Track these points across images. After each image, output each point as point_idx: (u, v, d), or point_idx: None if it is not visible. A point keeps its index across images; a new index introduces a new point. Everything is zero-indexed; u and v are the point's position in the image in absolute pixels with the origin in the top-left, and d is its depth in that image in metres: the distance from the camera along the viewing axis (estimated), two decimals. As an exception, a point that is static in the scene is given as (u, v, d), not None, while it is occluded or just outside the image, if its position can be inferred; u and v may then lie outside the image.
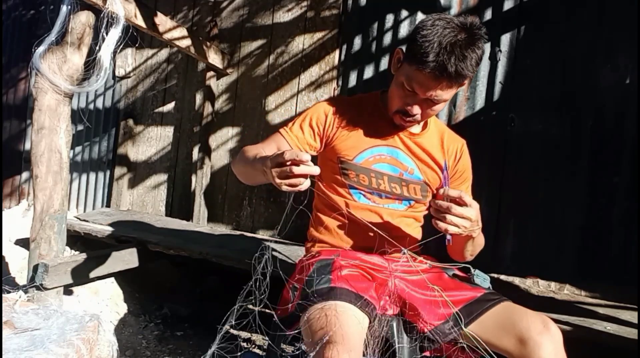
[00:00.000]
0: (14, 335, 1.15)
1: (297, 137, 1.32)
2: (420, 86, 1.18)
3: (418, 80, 1.17)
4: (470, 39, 1.12)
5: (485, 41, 1.16)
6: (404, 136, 1.34)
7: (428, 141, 1.36)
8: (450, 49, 1.10)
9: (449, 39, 1.10)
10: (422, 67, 1.13)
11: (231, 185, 3.12)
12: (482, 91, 2.46)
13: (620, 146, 2.17)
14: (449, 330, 1.14)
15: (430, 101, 1.20)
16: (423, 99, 1.21)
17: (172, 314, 2.46)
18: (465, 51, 1.11)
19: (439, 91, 1.17)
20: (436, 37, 1.11)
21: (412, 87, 1.19)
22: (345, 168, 1.34)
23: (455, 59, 1.10)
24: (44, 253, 1.99)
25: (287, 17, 2.98)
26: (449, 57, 1.10)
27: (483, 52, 1.16)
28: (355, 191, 1.35)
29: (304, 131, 1.33)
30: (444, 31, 1.11)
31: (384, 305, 1.22)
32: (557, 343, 1.05)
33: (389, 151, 1.34)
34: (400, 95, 1.24)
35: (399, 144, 1.34)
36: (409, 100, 1.22)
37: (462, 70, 1.11)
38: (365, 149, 1.33)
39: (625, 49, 2.18)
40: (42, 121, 1.94)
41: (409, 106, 1.23)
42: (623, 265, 2.11)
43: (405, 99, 1.23)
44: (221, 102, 3.18)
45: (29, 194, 3.87)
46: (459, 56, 1.10)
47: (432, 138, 1.37)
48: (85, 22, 1.97)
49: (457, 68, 1.10)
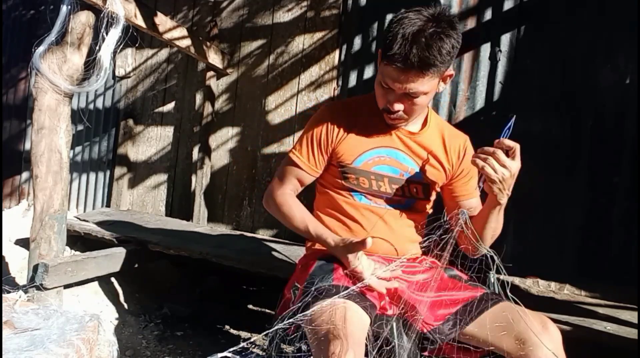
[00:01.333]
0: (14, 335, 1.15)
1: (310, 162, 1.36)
2: (392, 81, 1.17)
3: (389, 75, 1.17)
4: (438, 28, 1.11)
5: (457, 28, 1.15)
6: (403, 135, 1.33)
7: (428, 139, 1.35)
8: (412, 39, 1.09)
9: (412, 30, 1.10)
10: (388, 60, 1.14)
11: (231, 185, 3.12)
12: (482, 91, 2.46)
13: (620, 146, 2.17)
14: (448, 330, 1.14)
15: (408, 95, 1.19)
16: (401, 94, 1.20)
17: (172, 314, 2.46)
18: (431, 39, 1.10)
19: (411, 84, 1.15)
20: (401, 30, 1.11)
21: (386, 83, 1.19)
22: (345, 172, 1.33)
23: (417, 48, 1.09)
24: (44, 253, 1.98)
25: (287, 17, 2.98)
26: (410, 48, 1.09)
27: (456, 40, 1.14)
28: (356, 193, 1.35)
29: (314, 153, 1.35)
30: (409, 22, 1.11)
31: (384, 305, 1.22)
32: (556, 343, 1.06)
33: (388, 152, 1.33)
34: (381, 93, 1.25)
35: (399, 144, 1.34)
36: (389, 97, 1.22)
37: (427, 59, 1.10)
38: (364, 152, 1.32)
39: (625, 49, 2.18)
40: (42, 121, 1.94)
41: (389, 104, 1.23)
42: (623, 265, 2.11)
43: (386, 96, 1.23)
44: (221, 102, 3.18)
45: (29, 194, 3.87)
46: (422, 45, 1.09)
47: (432, 135, 1.36)
48: (85, 22, 1.97)
49: (420, 57, 1.10)
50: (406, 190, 1.34)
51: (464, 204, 1.39)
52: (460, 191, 1.40)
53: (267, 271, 2.08)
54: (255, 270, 2.14)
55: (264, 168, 3.02)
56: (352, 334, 0.99)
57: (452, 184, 1.39)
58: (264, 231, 2.99)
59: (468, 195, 1.40)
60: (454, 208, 1.42)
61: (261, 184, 3.01)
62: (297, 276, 1.32)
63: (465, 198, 1.40)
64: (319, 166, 1.36)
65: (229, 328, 2.41)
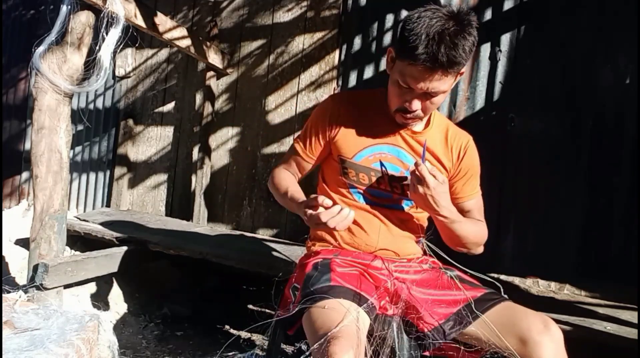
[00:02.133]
0: (14, 335, 1.15)
1: (307, 149, 1.41)
2: (415, 80, 1.16)
3: (412, 74, 1.15)
4: (459, 26, 1.10)
5: (476, 26, 1.13)
6: (406, 134, 1.33)
7: (431, 139, 1.34)
8: (438, 38, 1.08)
9: (436, 29, 1.08)
10: (413, 61, 1.11)
11: (231, 185, 3.12)
12: (482, 91, 2.46)
13: (620, 146, 2.17)
14: (449, 330, 1.14)
15: (428, 94, 1.18)
16: (421, 94, 1.19)
17: (172, 314, 2.46)
18: (455, 38, 1.09)
19: (435, 83, 1.15)
20: (423, 29, 1.09)
21: (407, 83, 1.17)
22: (345, 167, 1.33)
23: (445, 47, 1.08)
24: (44, 253, 1.98)
25: (287, 17, 2.98)
26: (438, 47, 1.08)
27: (475, 38, 1.13)
28: (355, 190, 1.34)
29: (311, 141, 1.39)
30: (430, 21, 1.09)
31: (384, 305, 1.22)
32: (557, 343, 1.05)
33: (390, 149, 1.32)
34: (398, 93, 1.23)
35: (401, 142, 1.33)
36: (407, 96, 1.21)
37: (454, 58, 1.09)
38: (365, 148, 1.32)
39: (625, 49, 2.18)
40: (42, 121, 1.94)
41: (407, 103, 1.21)
42: (623, 265, 2.11)
43: (403, 96, 1.22)
44: (221, 102, 3.18)
45: (29, 194, 3.87)
46: (448, 44, 1.08)
47: (435, 135, 1.35)
48: (85, 22, 1.97)
49: (449, 57, 1.09)
50: (406, 188, 1.33)
51: (464, 205, 1.38)
52: (459, 191, 1.38)
53: (267, 271, 2.08)
54: (255, 270, 2.14)
55: (264, 168, 3.02)
56: (352, 333, 0.99)
57: (452, 184, 1.39)
58: (264, 231, 2.98)
59: (466, 197, 1.39)
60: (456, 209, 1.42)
61: (261, 184, 3.01)
62: (296, 276, 1.32)
63: (463, 199, 1.39)
64: (315, 153, 1.40)
65: (229, 328, 2.41)
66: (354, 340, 0.97)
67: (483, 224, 1.39)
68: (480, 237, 1.35)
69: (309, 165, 1.44)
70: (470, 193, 1.39)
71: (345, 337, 0.96)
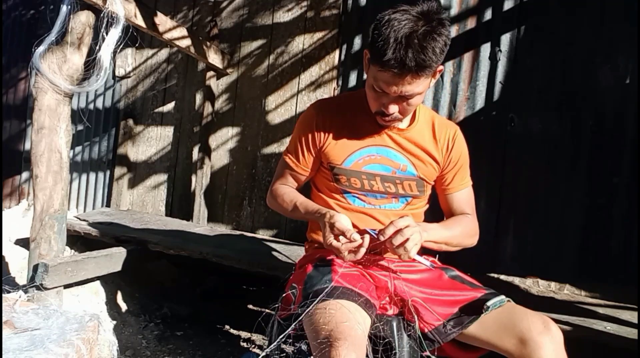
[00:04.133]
0: (14, 335, 1.15)
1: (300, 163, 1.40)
2: (386, 85, 1.15)
3: (383, 79, 1.14)
4: (428, 27, 1.07)
5: (448, 25, 1.11)
6: (393, 133, 1.32)
7: (418, 134, 1.33)
8: (406, 42, 1.06)
9: (404, 32, 1.06)
10: (382, 67, 1.10)
11: (231, 185, 3.12)
12: (482, 91, 2.46)
13: (620, 146, 2.17)
14: (449, 330, 1.14)
15: (403, 97, 1.17)
16: (396, 97, 1.18)
17: (172, 314, 2.46)
18: (424, 40, 1.06)
19: (407, 86, 1.13)
20: (392, 33, 1.07)
21: (380, 87, 1.16)
22: (336, 173, 1.33)
23: (413, 52, 1.06)
24: (44, 253, 1.98)
25: (287, 17, 2.98)
26: (405, 52, 1.06)
27: (447, 37, 1.11)
28: (349, 195, 1.34)
29: (303, 153, 1.38)
30: (399, 24, 1.07)
31: (384, 305, 1.22)
32: (557, 343, 1.05)
33: (378, 150, 1.32)
34: (374, 97, 1.22)
35: (389, 142, 1.32)
36: (383, 100, 1.20)
37: (423, 62, 1.08)
38: (354, 152, 1.32)
39: (625, 49, 2.18)
40: (42, 121, 1.94)
41: (384, 107, 1.21)
42: (623, 265, 2.11)
43: (379, 99, 1.21)
44: (221, 102, 3.18)
45: (29, 194, 3.87)
46: (417, 48, 1.06)
47: (422, 130, 1.35)
48: (85, 22, 1.97)
49: (417, 61, 1.07)
50: (399, 187, 1.33)
51: (454, 196, 1.39)
52: (449, 183, 1.38)
53: (267, 271, 2.08)
54: (255, 270, 2.14)
55: (264, 167, 3.02)
56: (353, 335, 0.99)
57: (443, 175, 1.38)
58: (264, 231, 2.99)
59: (457, 187, 1.39)
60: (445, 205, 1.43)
61: (261, 184, 3.01)
62: (297, 276, 1.32)
63: (454, 190, 1.39)
64: (309, 165, 1.40)
65: (229, 328, 2.41)
66: (355, 342, 0.97)
67: (470, 219, 1.39)
68: (467, 235, 1.35)
69: (304, 177, 1.43)
70: (460, 184, 1.39)
71: (346, 339, 0.96)
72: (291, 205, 1.36)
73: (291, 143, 1.42)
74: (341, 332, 0.98)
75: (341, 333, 0.98)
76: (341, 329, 0.99)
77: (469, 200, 1.42)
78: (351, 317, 1.04)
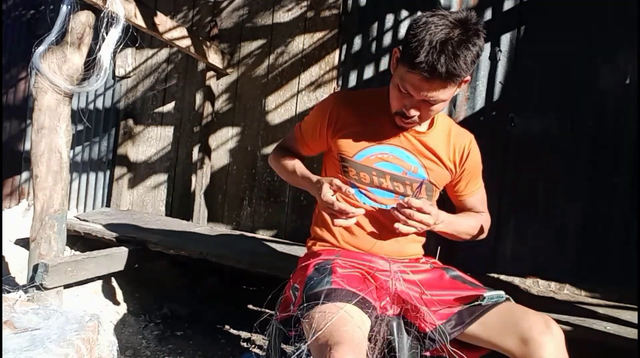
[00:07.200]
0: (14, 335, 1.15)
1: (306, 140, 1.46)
2: (413, 88, 1.14)
3: (410, 82, 1.13)
4: (464, 36, 1.06)
5: (483, 36, 1.10)
6: (409, 134, 1.32)
7: (434, 140, 1.34)
8: (440, 47, 1.05)
9: (439, 37, 1.05)
10: (412, 68, 1.09)
11: (231, 185, 3.12)
12: (482, 91, 2.46)
13: (620, 146, 2.17)
14: (450, 330, 1.14)
15: (427, 102, 1.17)
16: (419, 101, 1.17)
17: (172, 314, 2.46)
18: (458, 49, 1.05)
19: (433, 92, 1.13)
20: (427, 36, 1.05)
21: (406, 89, 1.16)
22: (345, 165, 1.33)
23: (445, 58, 1.05)
24: (44, 252, 1.98)
25: (287, 17, 2.98)
26: (438, 57, 1.05)
27: (481, 48, 1.10)
28: (356, 190, 1.34)
29: (309, 134, 1.44)
30: (435, 29, 1.06)
31: (384, 305, 1.22)
32: (559, 343, 1.05)
33: (392, 149, 1.32)
34: (397, 97, 1.22)
35: (404, 143, 1.32)
36: (406, 102, 1.20)
37: (454, 69, 1.06)
38: (367, 148, 1.32)
39: (625, 49, 2.18)
40: (42, 121, 1.94)
41: (406, 108, 1.20)
42: (623, 265, 2.11)
43: (402, 100, 1.20)
44: (221, 102, 3.18)
45: (29, 194, 3.87)
46: (449, 54, 1.05)
47: (438, 136, 1.35)
48: (85, 22, 1.97)
49: (447, 68, 1.06)
50: (408, 188, 1.33)
51: (467, 200, 1.43)
52: (462, 190, 1.42)
53: (267, 271, 2.08)
54: (255, 270, 2.14)
55: (264, 168, 3.02)
56: (353, 338, 0.99)
57: (456, 183, 1.40)
58: (264, 231, 2.98)
59: (469, 194, 1.43)
60: (458, 206, 1.45)
61: (261, 184, 3.01)
62: (297, 276, 1.32)
63: (468, 196, 1.43)
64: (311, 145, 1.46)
65: (229, 328, 2.40)
66: (355, 345, 0.97)
67: (481, 215, 1.45)
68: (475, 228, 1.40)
69: (304, 153, 1.51)
70: (472, 190, 1.43)
71: (346, 342, 0.96)
72: (290, 167, 1.44)
73: (306, 119, 1.46)
74: (341, 336, 0.98)
75: (341, 337, 0.97)
76: (341, 334, 0.98)
77: (482, 201, 1.47)
78: (351, 321, 1.03)
